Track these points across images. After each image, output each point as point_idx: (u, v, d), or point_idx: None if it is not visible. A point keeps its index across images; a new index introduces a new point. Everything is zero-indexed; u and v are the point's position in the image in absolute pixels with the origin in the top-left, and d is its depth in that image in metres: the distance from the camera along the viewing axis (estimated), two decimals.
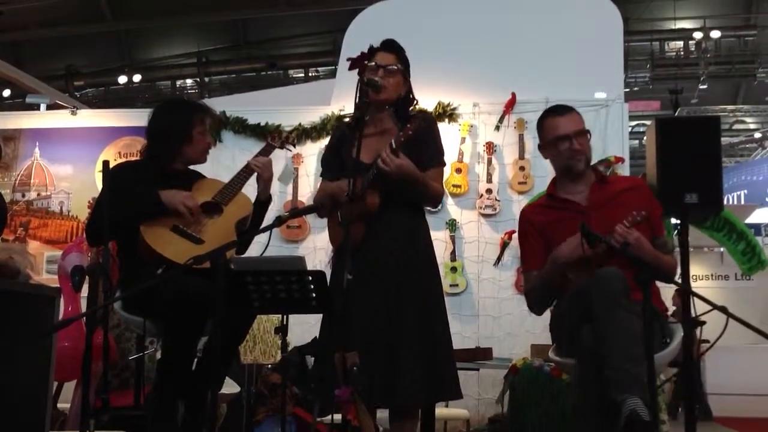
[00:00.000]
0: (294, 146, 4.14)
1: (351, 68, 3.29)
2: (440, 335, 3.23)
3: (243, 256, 3.50)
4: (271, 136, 3.73)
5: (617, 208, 3.11)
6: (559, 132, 3.25)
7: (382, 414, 3.38)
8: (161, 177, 3.38)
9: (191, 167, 3.57)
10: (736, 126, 16.51)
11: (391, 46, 3.31)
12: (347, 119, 3.50)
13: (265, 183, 3.49)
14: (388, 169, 3.07)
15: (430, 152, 3.27)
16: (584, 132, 3.27)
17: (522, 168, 6.11)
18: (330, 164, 3.40)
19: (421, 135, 3.18)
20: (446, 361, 3.21)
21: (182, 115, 3.47)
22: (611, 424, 2.59)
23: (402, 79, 3.31)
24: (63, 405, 4.58)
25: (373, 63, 3.24)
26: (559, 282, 3.20)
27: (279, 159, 6.00)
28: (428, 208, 3.45)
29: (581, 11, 6.46)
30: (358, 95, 3.25)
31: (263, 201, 3.52)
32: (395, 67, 3.26)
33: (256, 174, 3.47)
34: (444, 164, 3.45)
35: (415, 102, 3.40)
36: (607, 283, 2.79)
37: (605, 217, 3.09)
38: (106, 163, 3.30)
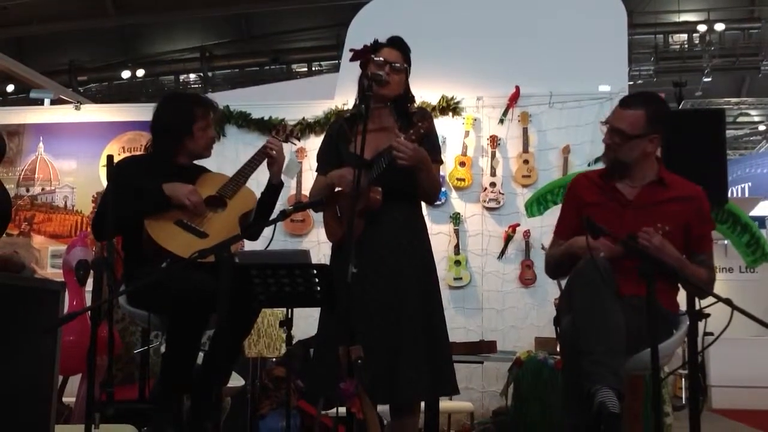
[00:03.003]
0: (298, 139, 4.14)
1: (353, 59, 3.27)
2: (439, 331, 3.22)
3: (247, 250, 3.51)
4: (275, 129, 3.74)
5: (658, 214, 3.03)
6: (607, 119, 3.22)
7: (383, 407, 3.38)
8: (165, 171, 3.38)
9: (196, 162, 3.57)
10: (741, 119, 16.46)
11: (398, 43, 3.31)
12: (347, 114, 3.48)
13: (278, 167, 3.50)
14: (403, 155, 3.03)
15: (430, 149, 3.24)
16: (618, 130, 3.12)
17: (526, 161, 6.11)
18: (326, 159, 3.38)
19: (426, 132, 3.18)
20: (445, 357, 3.20)
21: (183, 110, 3.46)
22: (591, 416, 2.59)
23: (404, 77, 3.31)
24: (68, 399, 4.60)
25: (381, 58, 3.23)
26: (571, 265, 3.19)
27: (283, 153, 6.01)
28: (426, 203, 3.43)
29: (585, 4, 6.46)
30: (360, 89, 3.26)
31: (275, 185, 3.53)
32: (401, 65, 3.26)
33: (267, 160, 3.47)
34: (442, 162, 3.45)
35: (413, 100, 3.40)
36: (584, 272, 2.79)
37: (641, 219, 3.02)
38: (110, 157, 3.30)
